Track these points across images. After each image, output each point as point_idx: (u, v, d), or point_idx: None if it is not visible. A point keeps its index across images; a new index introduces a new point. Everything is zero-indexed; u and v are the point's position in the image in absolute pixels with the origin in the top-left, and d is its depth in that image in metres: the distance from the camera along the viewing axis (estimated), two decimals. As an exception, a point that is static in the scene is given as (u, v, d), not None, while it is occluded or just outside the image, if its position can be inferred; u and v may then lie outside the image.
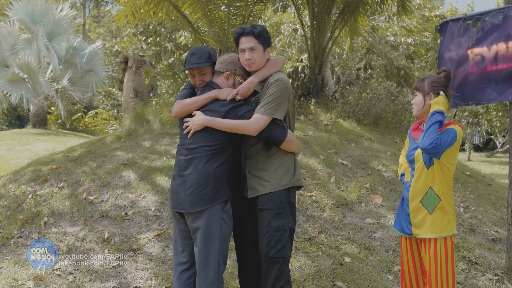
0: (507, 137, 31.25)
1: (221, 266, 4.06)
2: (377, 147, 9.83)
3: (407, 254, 4.16)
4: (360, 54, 19.80)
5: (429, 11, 21.52)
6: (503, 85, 5.60)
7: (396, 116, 13.14)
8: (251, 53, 4.22)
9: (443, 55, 6.04)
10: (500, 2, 27.50)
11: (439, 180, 3.96)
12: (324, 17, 11.94)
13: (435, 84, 4.00)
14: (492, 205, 8.21)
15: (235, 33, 4.32)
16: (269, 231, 4.14)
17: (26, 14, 17.51)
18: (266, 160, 4.24)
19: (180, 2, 11.57)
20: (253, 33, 4.22)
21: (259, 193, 4.21)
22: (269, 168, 4.23)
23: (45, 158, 9.76)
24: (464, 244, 6.40)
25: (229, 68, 4.25)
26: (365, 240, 6.39)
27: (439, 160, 3.93)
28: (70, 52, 18.39)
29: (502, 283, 5.58)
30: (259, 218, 4.21)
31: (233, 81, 4.24)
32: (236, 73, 4.26)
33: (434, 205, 3.94)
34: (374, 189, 7.77)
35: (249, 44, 4.22)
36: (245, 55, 4.23)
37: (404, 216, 4.14)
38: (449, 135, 3.84)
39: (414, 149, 4.10)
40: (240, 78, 4.26)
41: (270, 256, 4.13)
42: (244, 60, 4.24)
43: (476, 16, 5.79)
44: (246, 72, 4.28)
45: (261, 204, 4.19)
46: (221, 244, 4.04)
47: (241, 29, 4.29)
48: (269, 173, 4.21)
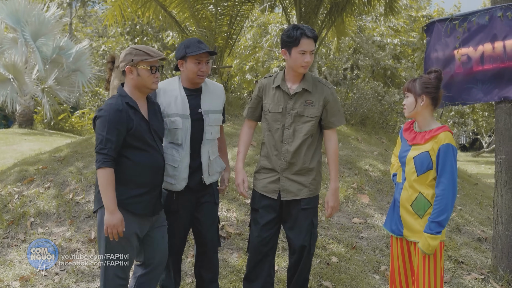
0: (493, 137, 31.39)
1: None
2: (364, 147, 9.85)
3: (397, 254, 4.15)
4: (347, 54, 19.84)
5: (416, 11, 21.59)
6: (489, 86, 5.62)
7: (383, 116, 13.20)
8: (311, 56, 4.27)
9: (430, 55, 6.06)
10: (487, 3, 27.63)
11: (430, 185, 3.94)
12: (312, 17, 11.96)
13: (426, 85, 3.98)
14: (478, 205, 8.25)
15: (297, 33, 4.22)
16: (311, 229, 4.44)
17: (10, 14, 17.40)
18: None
19: (168, 1, 11.56)
20: (314, 37, 4.24)
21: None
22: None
23: (31, 158, 9.72)
24: (450, 243, 6.42)
25: (127, 61, 4.00)
26: (352, 240, 6.40)
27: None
28: (56, 51, 18.33)
29: (487, 282, 5.60)
30: (299, 217, 4.43)
31: (137, 71, 3.98)
32: (134, 62, 3.97)
33: (424, 210, 3.92)
34: (361, 188, 7.79)
35: (311, 47, 4.24)
36: (306, 57, 4.24)
37: (395, 217, 4.13)
38: (452, 166, 3.85)
39: (406, 151, 4.07)
40: (142, 64, 3.98)
41: (311, 252, 4.51)
42: (304, 62, 4.25)
43: (462, 16, 5.82)
44: (146, 53, 4.00)
45: (305, 203, 4.42)
46: (107, 247, 3.96)
47: (301, 29, 4.22)
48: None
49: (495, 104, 5.79)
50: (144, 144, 3.96)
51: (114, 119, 3.81)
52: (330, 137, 4.49)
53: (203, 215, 4.51)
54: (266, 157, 4.53)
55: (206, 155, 4.44)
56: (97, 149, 3.80)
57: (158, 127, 4.15)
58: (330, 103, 4.40)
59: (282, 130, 4.40)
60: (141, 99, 4.09)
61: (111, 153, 3.79)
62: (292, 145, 4.36)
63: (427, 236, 3.79)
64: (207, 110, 4.44)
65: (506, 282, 5.58)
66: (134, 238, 3.98)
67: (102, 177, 3.77)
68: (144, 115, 4.03)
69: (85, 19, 38.06)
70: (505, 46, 5.43)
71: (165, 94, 4.42)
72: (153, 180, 4.03)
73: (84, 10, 36.42)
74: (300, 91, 4.36)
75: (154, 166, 4.01)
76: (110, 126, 3.79)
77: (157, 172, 4.06)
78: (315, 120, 4.39)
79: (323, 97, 4.38)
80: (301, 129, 4.37)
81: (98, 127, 3.84)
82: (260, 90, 4.57)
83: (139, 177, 3.95)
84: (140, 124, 3.95)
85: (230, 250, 6.04)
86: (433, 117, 4.07)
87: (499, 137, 5.77)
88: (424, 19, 20.27)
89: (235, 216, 6.70)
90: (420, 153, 3.90)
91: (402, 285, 4.17)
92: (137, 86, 4.02)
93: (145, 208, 3.99)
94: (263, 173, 4.54)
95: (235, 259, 5.88)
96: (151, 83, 4.02)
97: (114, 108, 3.85)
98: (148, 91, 4.09)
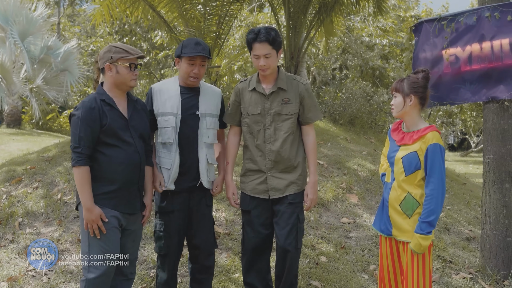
0: (481, 136, 31.49)
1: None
2: (352, 147, 9.87)
3: (386, 254, 4.15)
4: (335, 54, 19.87)
5: (404, 11, 21.63)
6: (477, 86, 5.65)
7: (372, 116, 13.23)
8: (266, 59, 4.27)
9: (418, 56, 6.08)
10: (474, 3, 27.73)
11: (418, 185, 3.95)
12: (300, 17, 11.95)
13: (414, 85, 3.99)
14: (467, 204, 8.28)
15: (249, 38, 4.31)
16: (297, 223, 4.46)
17: (-3, 13, 17.33)
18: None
19: (156, 1, 11.52)
20: (268, 40, 4.22)
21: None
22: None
23: (20, 158, 9.68)
24: (438, 243, 6.45)
25: (106, 59, 4.02)
26: (340, 240, 6.41)
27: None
28: (44, 51, 18.24)
29: (476, 282, 5.62)
30: (286, 212, 4.45)
31: (116, 69, 4.01)
32: (114, 59, 4.00)
33: (413, 210, 3.93)
34: (350, 188, 7.80)
35: (264, 51, 4.25)
36: (260, 61, 4.27)
37: (384, 216, 4.13)
38: (440, 165, 3.87)
39: (394, 151, 4.07)
40: (121, 61, 4.00)
41: (298, 247, 4.50)
42: (259, 65, 4.29)
43: (450, 17, 5.84)
44: (125, 51, 4.03)
45: (291, 198, 4.46)
46: (88, 243, 3.97)
47: (254, 34, 4.26)
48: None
49: (483, 104, 5.82)
50: (118, 141, 3.97)
51: (87, 117, 3.87)
52: (308, 132, 4.56)
53: (198, 217, 4.50)
54: (250, 159, 4.56)
55: (204, 158, 4.45)
56: (72, 147, 3.88)
57: (139, 124, 4.15)
58: (305, 99, 4.48)
59: (263, 130, 4.45)
60: (121, 97, 4.11)
61: (86, 151, 3.85)
62: (275, 144, 4.41)
63: (419, 237, 3.80)
64: (204, 113, 4.46)
65: (494, 282, 5.61)
66: (115, 231, 3.99)
67: (78, 175, 3.85)
68: (122, 112, 4.05)
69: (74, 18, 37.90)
70: (493, 46, 5.46)
71: (160, 93, 4.45)
72: (127, 177, 4.02)
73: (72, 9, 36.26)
74: (275, 90, 4.42)
75: (128, 162, 4.00)
76: (83, 124, 3.86)
77: (132, 169, 4.05)
78: (294, 117, 4.45)
79: (298, 93, 4.45)
80: (281, 127, 4.43)
81: (73, 125, 3.92)
82: (237, 95, 4.61)
83: (112, 174, 3.96)
84: (115, 120, 3.97)
85: (219, 250, 6.04)
86: (421, 117, 4.08)
87: (487, 137, 5.79)
88: (412, 19, 20.32)
89: (224, 216, 6.70)
90: (408, 153, 3.91)
91: (391, 285, 4.18)
92: (116, 84, 4.05)
93: (118, 205, 3.99)
94: (250, 175, 4.57)
95: (224, 259, 5.88)
96: (130, 80, 4.05)
97: (87, 106, 3.91)
98: (127, 88, 4.11)
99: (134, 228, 4.19)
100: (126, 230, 4.12)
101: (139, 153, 4.09)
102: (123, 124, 4.02)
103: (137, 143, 4.09)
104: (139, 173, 4.13)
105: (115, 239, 3.99)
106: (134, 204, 4.13)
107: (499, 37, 5.43)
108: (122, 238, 4.10)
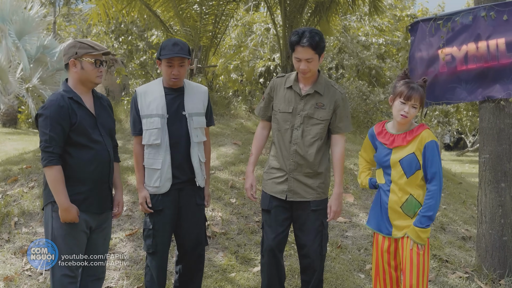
0: (477, 136, 31.53)
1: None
2: (348, 146, 9.87)
3: (382, 252, 4.14)
4: (332, 54, 19.84)
5: (400, 11, 21.64)
6: (473, 85, 5.65)
7: (368, 115, 13.23)
8: (307, 63, 4.22)
9: (414, 55, 6.08)
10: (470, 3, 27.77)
11: (420, 185, 3.96)
12: (296, 16, 11.96)
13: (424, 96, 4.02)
14: (463, 204, 8.30)
15: (292, 40, 4.21)
16: (321, 230, 4.44)
17: (-5, 12, 17.26)
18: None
19: (152, 1, 11.53)
20: (311, 46, 4.14)
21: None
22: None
23: (15, 158, 9.67)
24: (435, 242, 6.45)
25: (71, 54, 3.96)
26: (337, 239, 6.41)
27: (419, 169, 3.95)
28: (40, 50, 18.17)
29: (472, 281, 5.63)
30: (309, 219, 4.43)
31: (80, 65, 3.94)
32: (79, 55, 3.93)
33: (414, 211, 3.94)
34: (346, 188, 7.81)
35: (306, 55, 4.18)
36: (301, 64, 4.22)
37: (384, 218, 4.11)
38: (438, 161, 3.91)
39: (387, 155, 4.06)
40: (86, 57, 3.94)
41: (323, 254, 4.50)
42: (300, 68, 4.24)
43: (446, 16, 5.84)
44: (91, 47, 3.97)
45: (314, 205, 4.42)
46: (59, 247, 3.94)
47: (297, 36, 4.17)
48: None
49: (479, 103, 5.83)
50: (87, 140, 3.93)
51: (56, 115, 3.80)
52: (337, 141, 4.48)
53: (188, 215, 4.49)
54: (275, 156, 4.52)
55: (197, 157, 4.44)
56: (42, 147, 3.82)
57: (106, 121, 4.14)
58: (340, 108, 4.40)
59: (291, 130, 4.39)
60: (86, 94, 4.06)
61: (57, 150, 3.80)
62: (300, 146, 4.35)
63: (418, 230, 3.84)
64: (191, 113, 4.45)
65: (490, 281, 5.61)
66: (82, 235, 3.98)
67: (51, 175, 3.80)
68: (90, 110, 4.01)
69: (69, 18, 37.86)
70: (489, 46, 5.47)
71: (145, 96, 4.44)
72: (97, 176, 4.00)
73: (68, 8, 36.22)
74: (311, 93, 4.36)
75: (98, 161, 3.98)
76: (53, 123, 3.79)
77: (102, 168, 4.03)
78: (325, 124, 4.38)
79: (334, 100, 4.38)
80: (310, 131, 4.36)
81: (41, 125, 3.84)
82: (272, 89, 4.56)
83: (82, 174, 3.92)
84: (84, 118, 3.93)
85: (216, 250, 6.04)
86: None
87: (483, 136, 5.80)
88: (408, 18, 20.34)
89: (220, 216, 6.70)
90: (406, 156, 3.92)
91: (386, 283, 4.18)
92: (80, 80, 3.99)
93: (90, 206, 3.97)
94: (272, 173, 4.52)
95: (220, 258, 5.87)
96: (95, 77, 3.99)
97: (55, 104, 3.84)
98: (92, 85, 4.06)
99: (105, 226, 4.18)
100: (97, 228, 4.10)
101: (108, 151, 4.07)
102: (92, 122, 3.99)
103: (105, 140, 4.07)
104: (109, 171, 4.11)
105: (81, 243, 3.98)
106: (105, 203, 4.13)
107: (495, 36, 5.44)
108: (94, 237, 4.09)
